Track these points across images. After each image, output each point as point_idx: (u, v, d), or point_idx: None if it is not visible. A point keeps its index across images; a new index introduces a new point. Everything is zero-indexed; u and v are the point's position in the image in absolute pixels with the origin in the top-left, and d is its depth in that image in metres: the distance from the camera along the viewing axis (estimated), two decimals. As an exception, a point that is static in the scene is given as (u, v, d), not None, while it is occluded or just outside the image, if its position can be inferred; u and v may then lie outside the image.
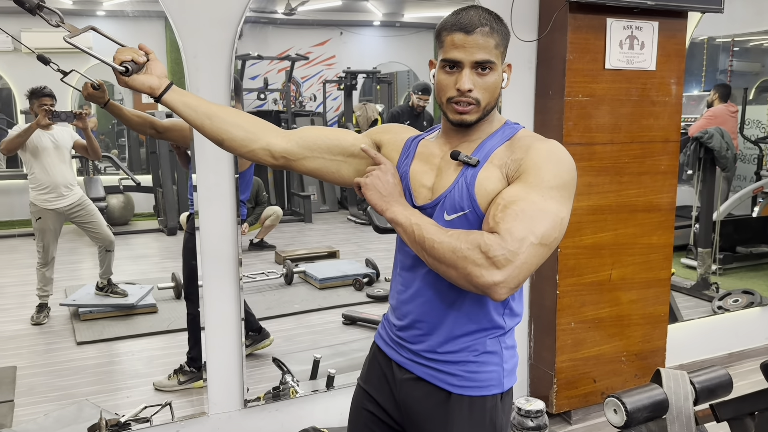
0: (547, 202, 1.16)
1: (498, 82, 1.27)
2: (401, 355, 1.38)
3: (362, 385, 1.48)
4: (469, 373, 1.31)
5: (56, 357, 3.47)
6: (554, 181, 1.18)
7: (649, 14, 2.71)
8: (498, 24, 1.26)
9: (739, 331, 3.67)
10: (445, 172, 1.30)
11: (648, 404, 1.94)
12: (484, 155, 1.26)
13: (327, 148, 1.41)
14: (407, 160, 1.37)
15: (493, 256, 1.09)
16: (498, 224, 1.13)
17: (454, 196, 1.26)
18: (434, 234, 1.17)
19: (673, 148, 2.91)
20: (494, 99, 1.28)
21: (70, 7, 4.92)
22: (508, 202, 1.15)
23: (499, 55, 1.26)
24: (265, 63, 7.44)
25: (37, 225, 3.90)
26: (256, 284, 4.56)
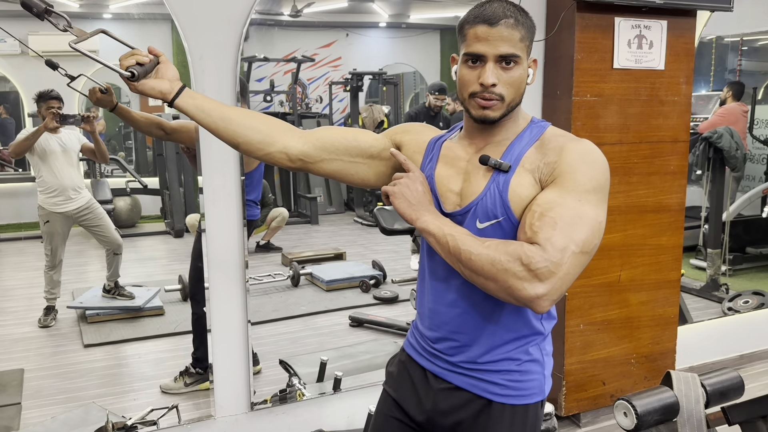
0: (584, 207, 1.13)
1: (523, 77, 1.21)
2: (437, 366, 1.33)
3: (390, 392, 1.43)
4: (513, 381, 1.28)
5: (63, 360, 3.47)
6: (590, 183, 1.15)
7: (657, 13, 2.69)
8: (523, 17, 1.21)
9: (750, 332, 3.63)
10: (473, 177, 1.25)
11: (658, 407, 1.92)
12: (514, 159, 1.21)
13: (345, 149, 1.34)
14: (431, 162, 1.32)
15: (536, 268, 1.05)
16: (536, 234, 1.09)
17: (486, 203, 1.21)
18: (471, 245, 1.12)
19: (682, 148, 2.88)
20: (519, 95, 1.22)
21: (77, 11, 4.94)
22: (545, 209, 1.11)
23: (524, 48, 1.20)
24: (272, 65, 7.45)
25: (45, 228, 3.91)
26: (263, 286, 4.56)
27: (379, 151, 1.36)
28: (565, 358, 2.81)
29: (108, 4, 4.91)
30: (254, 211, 3.22)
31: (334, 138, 1.35)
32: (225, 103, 2.23)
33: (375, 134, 1.39)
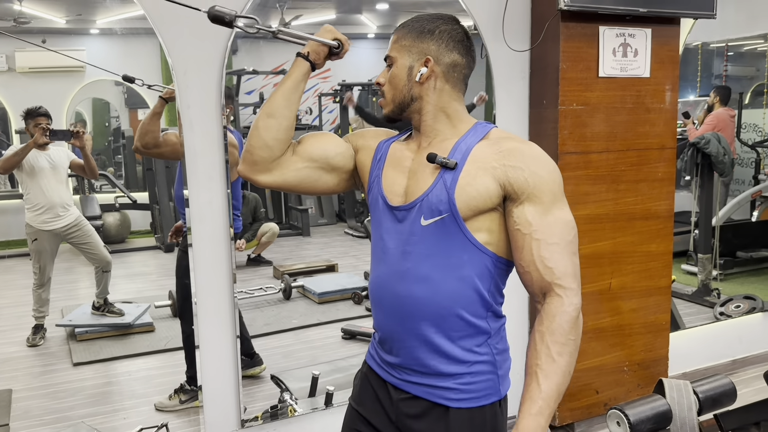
0: (564, 212, 1.25)
1: (398, 75, 1.32)
2: (393, 376, 1.36)
3: (354, 406, 1.45)
4: (465, 384, 1.29)
5: (52, 379, 3.43)
6: (559, 188, 1.26)
7: (641, 21, 2.70)
8: (414, 22, 1.33)
9: (742, 337, 3.64)
10: (419, 174, 1.30)
11: (651, 416, 1.91)
12: (461, 155, 1.27)
13: (309, 156, 1.39)
14: (379, 163, 1.38)
15: (577, 313, 1.22)
16: (552, 271, 1.21)
17: (431, 199, 1.25)
18: (558, 379, 1.19)
19: (669, 154, 2.89)
20: (400, 92, 1.33)
21: (63, 26, 4.93)
22: (547, 234, 1.22)
23: (400, 48, 1.32)
24: (261, 78, 7.45)
25: (33, 246, 3.87)
26: (254, 300, 4.53)
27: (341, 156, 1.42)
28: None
29: (95, 19, 4.90)
30: (237, 224, 3.20)
31: (307, 145, 1.40)
32: (210, 117, 2.24)
33: (339, 139, 1.44)
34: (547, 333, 1.20)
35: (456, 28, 1.33)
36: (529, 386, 1.20)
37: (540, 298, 1.25)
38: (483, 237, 1.26)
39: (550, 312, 1.21)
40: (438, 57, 1.30)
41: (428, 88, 1.31)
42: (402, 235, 1.30)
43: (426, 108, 1.32)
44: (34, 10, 4.45)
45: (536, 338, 1.21)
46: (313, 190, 1.43)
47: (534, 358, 1.20)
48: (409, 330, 1.30)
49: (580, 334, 1.23)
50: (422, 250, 1.27)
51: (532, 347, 1.22)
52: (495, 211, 1.26)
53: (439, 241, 1.26)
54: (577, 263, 1.24)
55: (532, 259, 1.22)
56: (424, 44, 1.31)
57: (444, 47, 1.31)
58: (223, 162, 2.28)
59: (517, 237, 1.24)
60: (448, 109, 1.33)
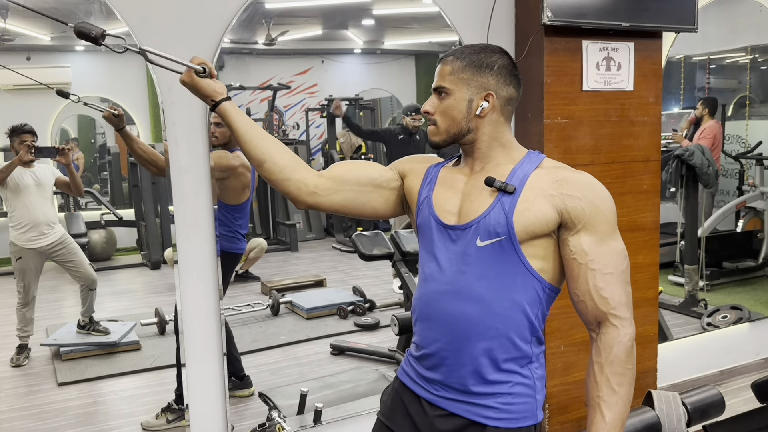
0: (617, 242, 1.29)
1: (455, 106, 1.33)
2: (430, 393, 1.36)
3: (384, 421, 1.46)
4: (505, 405, 1.31)
5: (37, 399, 3.38)
6: (613, 218, 1.29)
7: (624, 35, 2.73)
8: (469, 54, 1.34)
9: (729, 347, 3.65)
10: (474, 196, 1.32)
11: (640, 428, 1.91)
12: (519, 181, 1.30)
13: (356, 179, 1.42)
14: (430, 185, 1.41)
15: (632, 342, 1.27)
16: (607, 301, 1.26)
17: (489, 221, 1.28)
18: (619, 407, 1.25)
19: (654, 167, 2.91)
20: (456, 123, 1.34)
21: (48, 44, 4.92)
22: (602, 264, 1.26)
23: (456, 81, 1.33)
24: (248, 93, 7.45)
25: (18, 265, 3.83)
26: (242, 316, 4.49)
27: (387, 181, 1.45)
28: (547, 381, 2.79)
29: (80, 37, 4.89)
30: (243, 244, 3.18)
31: (346, 170, 1.44)
32: (195, 133, 2.23)
33: (382, 166, 1.48)
34: (606, 364, 1.25)
35: (511, 62, 1.37)
36: (594, 418, 1.26)
37: (594, 327, 1.30)
38: (537, 264, 1.29)
39: (607, 343, 1.26)
40: (497, 91, 1.34)
41: (486, 121, 1.34)
42: (456, 254, 1.32)
43: (481, 138, 1.35)
44: (18, 27, 4.44)
45: (595, 370, 1.27)
46: (363, 212, 1.45)
47: (595, 390, 1.27)
48: (456, 348, 1.31)
49: (635, 362, 1.28)
50: (477, 271, 1.29)
51: (592, 379, 1.28)
52: (549, 238, 1.29)
53: (494, 263, 1.28)
54: (630, 292, 1.29)
55: (588, 288, 1.27)
56: (483, 78, 1.33)
57: (502, 81, 1.34)
58: (208, 178, 2.27)
59: (573, 266, 1.28)
60: (501, 139, 1.36)
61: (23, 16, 4.36)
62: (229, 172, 3.04)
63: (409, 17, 5.24)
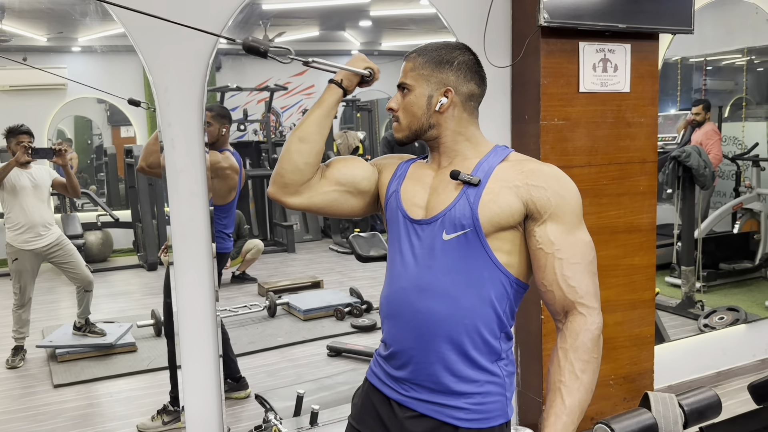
0: (584, 233, 1.29)
1: (415, 102, 1.35)
2: (400, 393, 1.35)
3: (355, 425, 1.44)
4: (475, 405, 1.30)
5: (32, 401, 3.37)
6: (579, 208, 1.29)
7: (620, 37, 2.74)
8: (431, 51, 1.36)
9: (726, 349, 3.65)
10: (441, 190, 1.33)
11: (637, 429, 1.91)
12: (484, 174, 1.30)
13: (336, 180, 1.42)
14: (399, 179, 1.42)
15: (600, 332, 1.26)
16: (575, 290, 1.25)
17: (454, 213, 1.28)
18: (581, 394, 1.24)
19: (650, 168, 2.92)
20: (417, 120, 1.35)
21: (45, 44, 4.90)
22: (569, 254, 1.26)
23: (417, 77, 1.35)
24: (245, 94, 7.44)
25: (14, 266, 3.81)
26: (239, 318, 4.48)
27: (369, 181, 1.45)
28: (544, 382, 2.79)
29: (76, 37, 4.87)
30: (228, 244, 3.19)
31: (335, 169, 1.44)
32: (191, 133, 2.23)
33: (365, 164, 1.48)
34: (570, 350, 1.24)
35: (472, 58, 1.38)
36: (554, 402, 1.24)
37: (561, 317, 1.28)
38: (503, 258, 1.28)
39: (574, 330, 1.25)
40: (457, 87, 1.35)
41: (447, 117, 1.35)
42: (422, 249, 1.32)
43: (444, 133, 1.36)
44: (14, 28, 4.42)
45: (560, 355, 1.25)
46: (339, 213, 1.46)
47: (557, 374, 1.24)
48: (424, 345, 1.30)
49: (601, 352, 1.27)
50: (443, 265, 1.29)
51: (556, 364, 1.25)
52: (515, 230, 1.28)
53: (461, 258, 1.28)
54: (597, 283, 1.29)
55: (555, 278, 1.26)
56: (443, 74, 1.34)
57: (462, 78, 1.35)
58: (204, 179, 2.26)
59: (540, 256, 1.27)
60: (466, 133, 1.37)
61: (19, 17, 4.35)
62: (216, 173, 3.04)
63: (406, 19, 5.24)
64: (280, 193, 1.39)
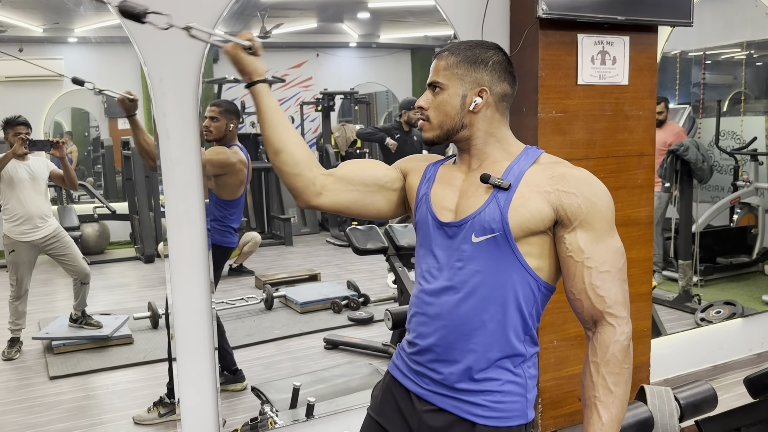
0: (615, 239, 1.28)
1: (448, 101, 1.33)
2: (420, 387, 1.36)
3: (374, 416, 1.45)
4: (495, 403, 1.30)
5: (28, 393, 3.37)
6: (611, 214, 1.28)
7: (619, 29, 2.72)
8: (463, 50, 1.34)
9: (722, 343, 3.65)
10: (471, 194, 1.32)
11: (633, 423, 1.91)
12: (515, 178, 1.29)
13: (361, 180, 1.42)
14: (428, 183, 1.41)
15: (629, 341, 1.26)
16: (604, 300, 1.25)
17: (484, 217, 1.28)
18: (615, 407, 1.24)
19: (648, 161, 2.91)
20: (450, 119, 1.33)
21: (41, 35, 4.88)
22: (599, 262, 1.25)
23: (451, 76, 1.33)
24: (242, 86, 7.41)
25: (11, 258, 3.81)
26: (236, 310, 4.48)
27: (391, 181, 1.45)
28: (540, 375, 2.79)
29: (72, 28, 4.85)
30: (234, 239, 3.18)
31: (353, 169, 1.44)
32: (187, 124, 2.21)
33: (387, 165, 1.48)
34: (602, 364, 1.25)
35: (505, 59, 1.37)
36: (590, 419, 1.25)
37: (590, 326, 1.29)
38: (533, 262, 1.28)
39: (604, 342, 1.26)
40: (491, 87, 1.34)
41: (480, 117, 1.34)
42: (452, 250, 1.32)
43: (476, 134, 1.35)
44: (10, 19, 4.40)
45: (591, 370, 1.26)
46: (366, 213, 1.45)
47: (591, 390, 1.25)
48: (451, 343, 1.31)
49: (632, 361, 1.28)
50: (472, 266, 1.29)
51: (589, 379, 1.26)
52: (545, 235, 1.28)
53: (490, 260, 1.28)
54: (626, 290, 1.28)
55: (584, 287, 1.26)
56: (478, 74, 1.33)
57: (497, 78, 1.34)
58: (200, 171, 2.25)
59: (569, 264, 1.27)
60: (497, 135, 1.36)
61: (15, 7, 4.32)
62: (227, 169, 3.04)
63: (404, 11, 5.22)
64: (305, 200, 1.38)
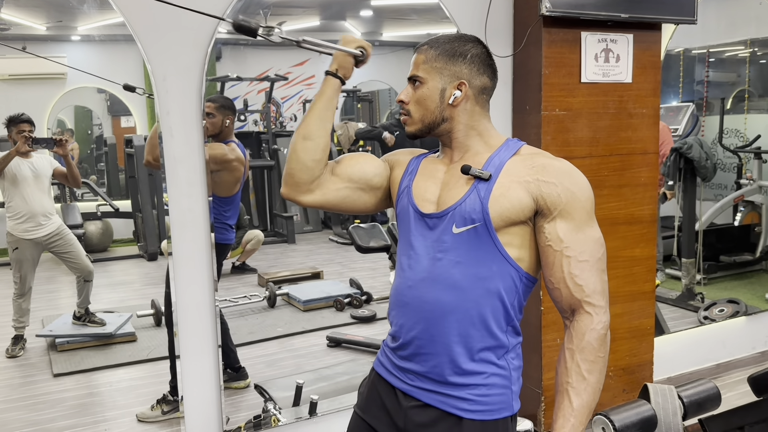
0: (594, 229, 1.28)
1: (427, 95, 1.33)
2: (405, 383, 1.35)
3: (360, 414, 1.45)
4: (480, 396, 1.30)
5: (32, 390, 3.37)
6: (591, 204, 1.29)
7: (623, 27, 2.72)
8: (443, 44, 1.34)
9: (725, 341, 3.65)
10: (452, 185, 1.33)
11: (636, 421, 1.90)
12: (495, 168, 1.30)
13: (349, 176, 1.42)
14: (410, 176, 1.42)
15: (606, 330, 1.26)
16: (582, 289, 1.25)
17: (465, 207, 1.28)
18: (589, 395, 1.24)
19: (652, 159, 2.90)
20: (430, 112, 1.34)
21: (44, 33, 4.88)
22: (578, 251, 1.25)
23: (430, 70, 1.34)
24: (245, 84, 7.42)
25: (14, 255, 3.81)
26: (239, 308, 4.49)
27: (380, 177, 1.45)
28: (543, 373, 2.79)
29: (76, 26, 4.85)
30: (231, 235, 3.19)
31: (347, 165, 1.44)
32: (190, 122, 2.22)
33: (378, 160, 1.48)
34: (576, 351, 1.25)
35: (484, 51, 1.37)
36: (561, 404, 1.25)
37: (568, 315, 1.29)
38: (513, 252, 1.29)
39: (580, 330, 1.26)
40: (470, 80, 1.34)
41: (460, 110, 1.35)
42: (432, 242, 1.32)
43: (457, 127, 1.36)
44: (13, 17, 4.40)
45: (566, 356, 1.26)
46: (353, 209, 1.46)
47: (564, 375, 1.25)
48: (432, 335, 1.31)
49: (608, 350, 1.27)
50: (452, 257, 1.29)
51: (563, 365, 1.26)
52: (525, 225, 1.28)
53: (470, 250, 1.28)
54: (605, 280, 1.28)
55: (563, 276, 1.26)
56: (456, 67, 1.34)
57: (476, 71, 1.35)
58: (203, 169, 2.25)
59: (548, 253, 1.27)
60: (478, 127, 1.37)
61: (18, 5, 4.33)
62: (223, 165, 3.03)
63: (407, 8, 5.21)
64: (292, 192, 1.39)
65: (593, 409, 1.25)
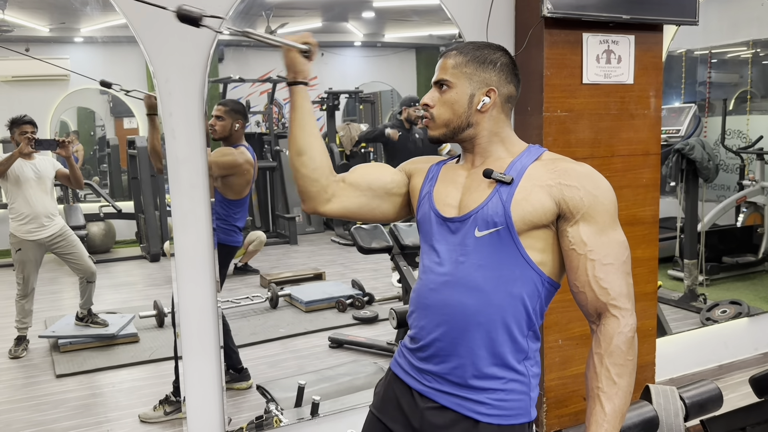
0: (618, 233, 1.28)
1: (456, 99, 1.34)
2: (423, 384, 1.36)
3: (375, 413, 1.45)
4: (498, 401, 1.30)
5: (35, 391, 3.39)
6: (614, 207, 1.29)
7: (624, 28, 2.71)
8: (472, 50, 1.36)
9: (728, 342, 3.64)
10: (474, 189, 1.33)
11: (638, 422, 1.91)
12: (517, 173, 1.30)
13: (368, 185, 1.44)
14: (431, 182, 1.42)
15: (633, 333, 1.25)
16: (607, 292, 1.25)
17: (487, 211, 1.28)
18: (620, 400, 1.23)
19: (653, 160, 2.90)
20: (457, 116, 1.35)
21: (47, 35, 4.90)
22: (602, 255, 1.25)
23: (459, 75, 1.34)
24: (247, 85, 7.43)
25: (17, 256, 3.83)
26: (241, 309, 4.49)
27: (398, 185, 1.47)
28: (545, 374, 2.79)
29: (78, 28, 4.87)
30: (239, 238, 3.19)
31: (362, 174, 1.46)
32: (192, 124, 2.22)
33: (393, 169, 1.50)
34: (605, 355, 1.24)
35: (512, 61, 1.39)
36: (593, 410, 1.24)
37: (595, 319, 1.29)
38: (536, 256, 1.29)
39: (607, 333, 1.25)
40: (499, 88, 1.35)
41: (486, 116, 1.35)
42: (455, 245, 1.32)
43: (481, 133, 1.36)
44: (17, 19, 4.42)
45: (595, 361, 1.25)
46: (373, 217, 1.48)
47: (594, 381, 1.25)
48: (454, 338, 1.31)
49: (636, 353, 1.27)
50: (475, 260, 1.29)
51: (592, 370, 1.26)
52: (548, 229, 1.28)
53: (493, 254, 1.28)
54: (631, 283, 1.28)
55: (587, 279, 1.26)
56: (486, 74, 1.35)
57: (504, 79, 1.36)
58: (205, 170, 2.26)
59: (572, 257, 1.27)
60: (501, 134, 1.37)
61: (22, 7, 4.35)
62: (234, 170, 3.04)
63: (409, 10, 5.22)
64: (312, 205, 1.41)
65: (625, 413, 1.25)
